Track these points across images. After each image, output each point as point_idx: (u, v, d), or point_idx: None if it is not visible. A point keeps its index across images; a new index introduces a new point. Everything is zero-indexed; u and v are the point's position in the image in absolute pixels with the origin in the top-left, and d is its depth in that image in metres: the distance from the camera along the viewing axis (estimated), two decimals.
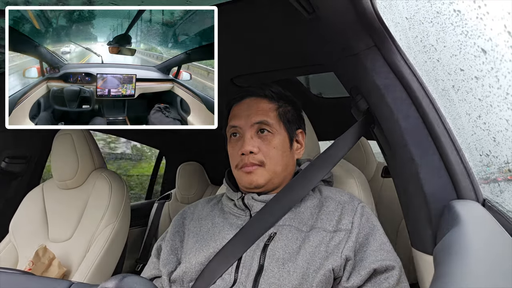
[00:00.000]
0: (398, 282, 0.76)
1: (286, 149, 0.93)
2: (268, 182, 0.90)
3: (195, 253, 0.86)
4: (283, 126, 0.94)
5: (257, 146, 0.90)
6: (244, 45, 1.18)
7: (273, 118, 0.93)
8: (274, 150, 0.91)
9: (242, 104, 0.96)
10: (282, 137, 0.93)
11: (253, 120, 0.92)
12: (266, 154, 0.90)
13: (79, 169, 1.62)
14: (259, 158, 0.89)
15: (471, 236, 0.59)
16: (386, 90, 0.90)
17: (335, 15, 0.87)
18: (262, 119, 0.91)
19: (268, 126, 0.91)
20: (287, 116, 0.95)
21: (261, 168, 0.90)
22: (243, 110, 0.94)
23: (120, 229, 1.57)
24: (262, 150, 0.90)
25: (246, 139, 0.91)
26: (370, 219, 0.85)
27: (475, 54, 0.88)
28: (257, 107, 0.94)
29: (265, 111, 0.93)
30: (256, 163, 0.89)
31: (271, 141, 0.91)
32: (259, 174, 0.90)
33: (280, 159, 0.91)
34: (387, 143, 0.93)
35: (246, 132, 0.92)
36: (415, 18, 1.02)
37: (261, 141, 0.91)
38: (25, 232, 1.60)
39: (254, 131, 0.92)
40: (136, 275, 0.54)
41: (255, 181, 0.89)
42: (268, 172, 0.90)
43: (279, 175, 0.92)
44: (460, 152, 0.85)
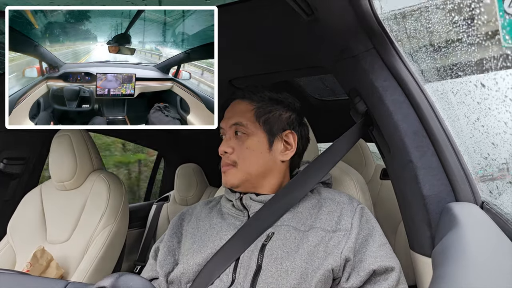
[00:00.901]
0: (397, 283, 0.76)
1: (263, 150, 0.93)
2: (243, 182, 0.91)
3: (193, 254, 0.86)
4: (259, 126, 0.94)
5: (232, 146, 0.92)
6: (243, 47, 1.18)
7: (249, 118, 0.93)
8: (247, 151, 0.92)
9: (230, 106, 0.99)
10: (258, 138, 0.93)
11: (230, 122, 0.94)
12: (239, 154, 0.92)
13: (77, 171, 1.61)
14: (232, 158, 0.92)
15: (469, 239, 0.59)
16: (385, 92, 0.90)
17: (334, 17, 0.88)
18: (236, 121, 0.93)
19: (242, 127, 0.93)
20: (267, 117, 0.94)
21: (234, 168, 0.91)
22: (228, 112, 0.97)
23: (119, 230, 1.56)
24: (236, 150, 0.92)
25: (225, 140, 0.94)
26: (369, 220, 0.85)
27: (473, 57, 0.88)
28: (237, 109, 0.96)
29: (242, 112, 0.95)
30: (229, 163, 0.92)
31: (244, 142, 0.92)
32: (232, 174, 0.91)
33: (254, 160, 0.92)
34: (386, 145, 0.93)
35: (227, 133, 0.95)
36: None
37: (237, 141, 0.93)
38: (23, 234, 1.60)
39: (232, 132, 0.94)
40: (132, 273, 0.54)
41: (228, 181, 0.92)
42: (241, 172, 0.91)
43: (255, 176, 0.92)
44: (459, 154, 0.85)
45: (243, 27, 1.04)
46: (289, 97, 1.00)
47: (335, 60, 1.05)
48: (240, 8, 0.92)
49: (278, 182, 0.95)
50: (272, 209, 0.87)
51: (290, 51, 1.20)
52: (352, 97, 1.03)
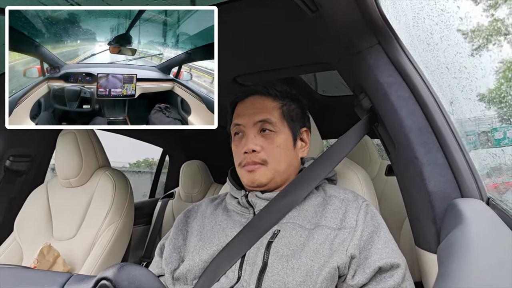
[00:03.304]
0: (403, 280, 0.76)
1: (290, 147, 0.93)
2: (270, 181, 0.90)
3: (199, 250, 0.86)
4: (286, 124, 0.93)
5: (260, 145, 0.90)
6: (247, 44, 1.18)
7: (276, 116, 0.92)
8: (277, 149, 0.91)
9: (246, 102, 0.96)
10: (285, 136, 0.93)
11: (256, 119, 0.92)
12: (269, 153, 0.90)
13: (83, 168, 1.62)
14: (261, 156, 0.90)
15: (475, 235, 0.59)
16: (390, 88, 0.90)
17: (338, 13, 0.87)
18: (265, 118, 0.91)
19: (271, 125, 0.91)
20: (291, 115, 0.95)
21: (264, 167, 0.90)
22: (247, 109, 0.95)
23: (124, 227, 1.58)
24: (265, 148, 0.90)
25: (249, 137, 0.91)
26: (374, 217, 0.85)
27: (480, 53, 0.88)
28: (261, 105, 0.94)
29: (268, 109, 0.93)
30: (259, 162, 0.89)
31: (274, 140, 0.91)
32: (261, 173, 0.90)
33: (283, 158, 0.91)
34: (391, 141, 0.92)
35: (249, 131, 0.92)
36: (419, 16, 1.02)
37: (264, 140, 0.91)
38: (29, 230, 1.61)
39: (257, 130, 0.92)
40: (134, 264, 0.54)
41: (257, 180, 0.90)
42: (271, 171, 0.90)
43: (281, 174, 0.92)
44: (464, 150, 0.84)
45: (247, 24, 1.04)
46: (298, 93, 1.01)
47: (339, 56, 1.04)
48: (244, 4, 0.92)
49: (290, 179, 0.95)
50: (277, 207, 0.87)
51: (294, 48, 1.19)
52: (357, 93, 1.03)
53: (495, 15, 5.44)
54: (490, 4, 5.44)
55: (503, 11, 5.43)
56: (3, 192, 1.79)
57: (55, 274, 0.59)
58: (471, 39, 4.84)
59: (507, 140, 1.52)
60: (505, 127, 1.51)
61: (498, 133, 1.51)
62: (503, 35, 5.36)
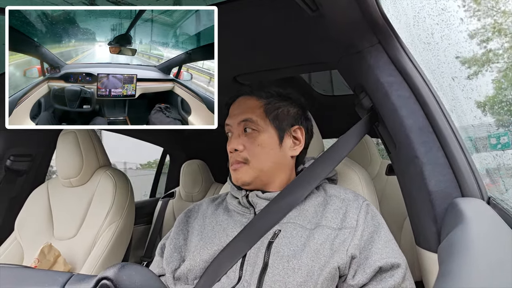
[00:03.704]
0: (403, 280, 0.76)
1: (274, 146, 0.93)
2: (254, 179, 0.91)
3: (200, 250, 0.86)
4: (269, 123, 0.93)
5: (242, 144, 0.91)
6: (247, 43, 1.18)
7: (259, 115, 0.93)
8: (259, 148, 0.91)
9: (235, 103, 0.98)
10: (269, 135, 0.93)
11: (239, 118, 0.93)
12: (251, 151, 0.91)
13: (83, 167, 1.63)
14: (243, 155, 0.91)
15: (476, 234, 0.59)
16: (390, 87, 0.90)
17: (339, 12, 0.87)
18: (246, 117, 0.92)
19: (253, 124, 0.92)
20: (276, 113, 0.95)
21: (246, 166, 0.91)
22: (234, 109, 0.97)
23: (125, 226, 1.58)
24: (247, 147, 0.91)
25: (233, 137, 0.93)
26: (375, 217, 0.85)
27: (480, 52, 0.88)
28: (245, 105, 0.95)
29: (251, 108, 0.94)
30: (241, 161, 0.91)
31: (255, 139, 0.92)
32: (244, 171, 0.91)
33: (266, 157, 0.91)
34: (392, 141, 0.92)
35: (235, 130, 0.94)
36: (420, 15, 1.01)
37: (247, 139, 0.92)
38: (30, 230, 1.62)
39: (241, 129, 0.93)
40: (134, 263, 0.54)
41: (240, 178, 0.91)
42: (253, 169, 0.91)
43: (266, 173, 0.92)
44: (465, 149, 0.84)
45: (248, 23, 1.04)
46: (295, 92, 1.00)
47: (340, 55, 1.04)
48: (244, 4, 0.92)
49: (287, 177, 0.95)
50: (278, 207, 0.87)
51: (294, 47, 1.19)
52: (357, 93, 1.03)
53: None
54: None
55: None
56: (4, 191, 1.79)
57: (56, 274, 0.59)
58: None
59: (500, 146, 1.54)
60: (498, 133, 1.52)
61: (493, 139, 1.53)
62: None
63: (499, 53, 5.40)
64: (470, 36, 5.13)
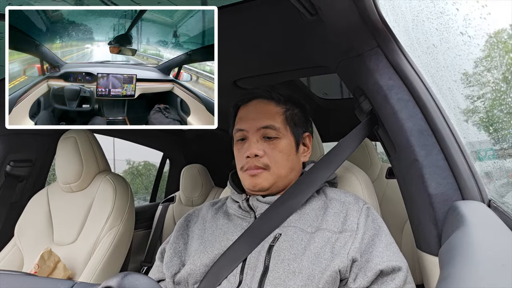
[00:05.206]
0: (404, 283, 0.76)
1: (292, 152, 0.93)
2: (272, 185, 0.91)
3: (200, 254, 0.86)
4: (289, 129, 0.94)
5: (263, 149, 0.90)
6: (247, 47, 1.18)
7: (280, 122, 0.92)
8: (280, 154, 0.91)
9: (249, 106, 0.96)
10: (288, 141, 0.93)
11: (259, 124, 0.91)
12: (272, 158, 0.90)
13: (83, 172, 1.62)
14: (264, 161, 0.90)
15: (477, 237, 0.59)
16: (390, 91, 0.90)
17: (337, 16, 0.87)
18: (268, 124, 0.91)
19: (275, 131, 0.91)
20: (294, 120, 0.95)
21: (266, 172, 0.90)
22: (250, 113, 0.95)
23: (125, 231, 1.57)
24: (268, 153, 0.90)
25: (251, 142, 0.91)
26: (375, 220, 0.85)
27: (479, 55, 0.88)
28: (264, 110, 0.94)
29: (271, 114, 0.93)
30: (261, 167, 0.90)
31: (277, 145, 0.91)
32: (264, 177, 0.90)
33: (285, 163, 0.91)
34: (391, 144, 0.92)
35: (252, 135, 0.92)
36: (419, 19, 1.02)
37: (267, 145, 0.91)
38: (30, 235, 1.61)
39: (260, 135, 0.92)
40: (138, 273, 0.54)
41: (259, 184, 0.90)
42: (273, 175, 0.90)
43: (283, 179, 0.92)
44: (465, 152, 0.84)
45: (247, 27, 1.04)
46: (299, 97, 1.01)
47: (339, 59, 1.04)
48: (244, 8, 0.92)
49: (292, 183, 0.95)
50: (278, 210, 0.86)
51: (294, 51, 1.20)
52: (357, 96, 1.03)
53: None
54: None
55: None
56: (4, 197, 1.79)
57: (57, 282, 0.59)
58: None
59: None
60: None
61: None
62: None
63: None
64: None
